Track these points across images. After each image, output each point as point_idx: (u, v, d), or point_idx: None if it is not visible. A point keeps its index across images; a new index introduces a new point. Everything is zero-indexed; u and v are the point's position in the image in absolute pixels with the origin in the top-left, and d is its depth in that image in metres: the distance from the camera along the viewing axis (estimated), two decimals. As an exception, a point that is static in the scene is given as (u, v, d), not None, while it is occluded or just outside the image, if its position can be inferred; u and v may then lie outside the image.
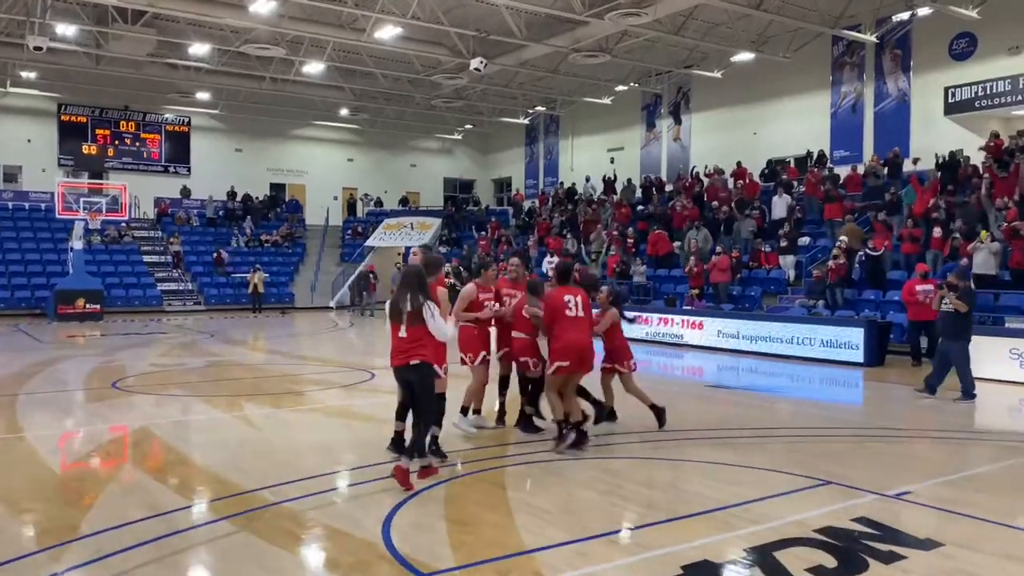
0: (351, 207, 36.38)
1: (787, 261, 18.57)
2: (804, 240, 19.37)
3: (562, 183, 32.81)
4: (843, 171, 22.07)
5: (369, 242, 31.43)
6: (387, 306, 6.15)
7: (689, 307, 17.36)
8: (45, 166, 30.02)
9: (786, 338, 14.52)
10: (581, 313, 7.01)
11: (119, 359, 14.02)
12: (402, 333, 5.81)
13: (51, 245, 27.10)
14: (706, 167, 25.44)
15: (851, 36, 22.77)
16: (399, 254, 30.10)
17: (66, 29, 23.00)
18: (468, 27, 22.96)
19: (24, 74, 28.25)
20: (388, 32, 22.69)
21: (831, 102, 24.98)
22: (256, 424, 8.40)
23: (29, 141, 30.57)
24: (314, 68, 27.55)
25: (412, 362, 5.79)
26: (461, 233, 33.16)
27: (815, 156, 23.65)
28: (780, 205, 21.02)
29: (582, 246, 24.70)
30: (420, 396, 5.88)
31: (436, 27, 22.53)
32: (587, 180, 30.61)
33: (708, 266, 18.21)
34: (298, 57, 26.05)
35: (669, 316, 16.93)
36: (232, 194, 33.16)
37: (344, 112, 34.62)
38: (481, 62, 22.75)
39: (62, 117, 31.26)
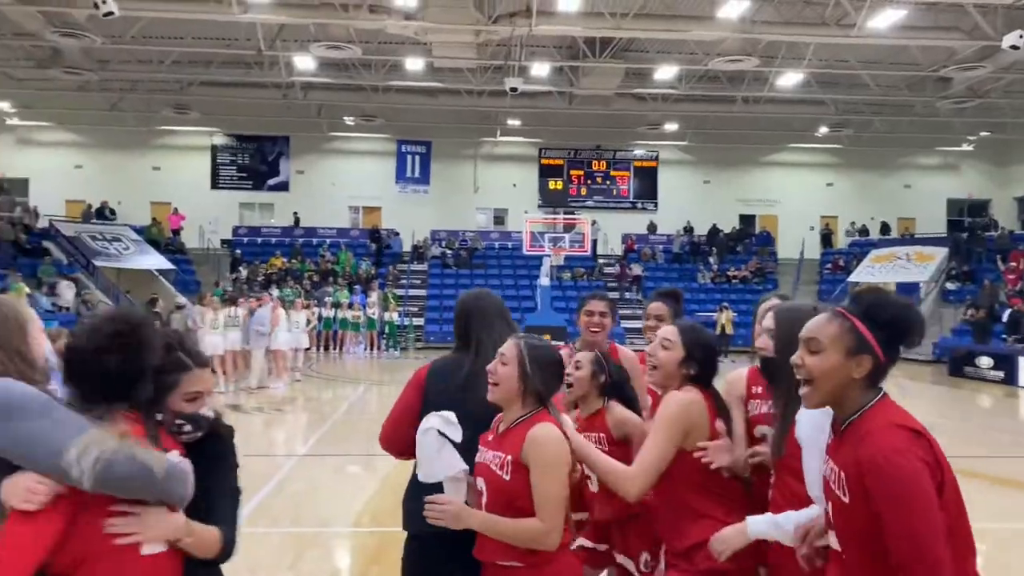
0: (825, 238, 31.95)
1: None
2: None
3: None
4: None
5: (853, 277, 26.78)
6: None
7: None
8: (527, 207, 31.71)
9: None
10: None
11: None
12: None
13: (527, 282, 28.17)
14: None
15: None
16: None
17: (541, 69, 23.48)
18: (998, -4, 17.63)
19: (511, 122, 30.19)
20: (885, 19, 18.50)
21: None
22: None
23: (514, 185, 32.70)
24: (789, 80, 24.35)
25: None
26: (976, 265, 26.50)
27: None
28: None
29: None
30: None
31: (951, 2, 17.70)
32: None
33: None
34: (772, 68, 23.14)
35: None
36: (688, 229, 31.48)
37: (823, 131, 30.59)
38: (1020, 35, 17.16)
39: (542, 161, 32.90)
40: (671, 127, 30.62)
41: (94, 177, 29.40)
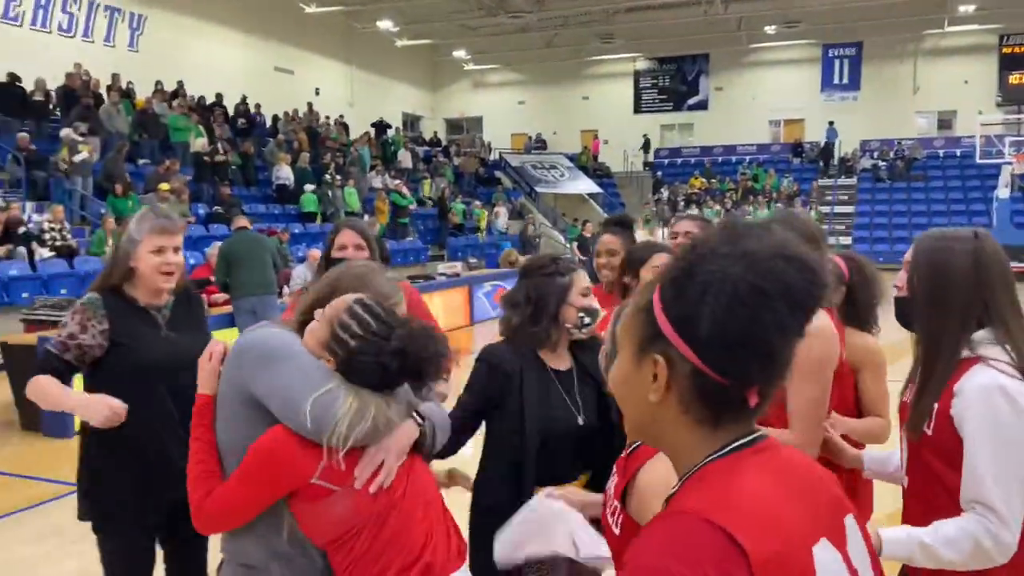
0: None
1: None
2: None
3: None
4: None
5: None
6: None
7: None
8: (982, 107, 27.37)
9: None
10: None
11: None
12: None
13: (979, 195, 24.60)
14: None
15: None
16: None
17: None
18: None
19: (962, 8, 26.05)
20: None
21: None
22: None
23: (966, 82, 28.34)
24: None
25: None
26: None
27: None
28: None
29: None
30: None
31: None
32: None
33: None
34: None
35: None
36: None
37: None
38: None
39: (1003, 50, 27.92)
40: None
41: (533, 111, 32.59)
